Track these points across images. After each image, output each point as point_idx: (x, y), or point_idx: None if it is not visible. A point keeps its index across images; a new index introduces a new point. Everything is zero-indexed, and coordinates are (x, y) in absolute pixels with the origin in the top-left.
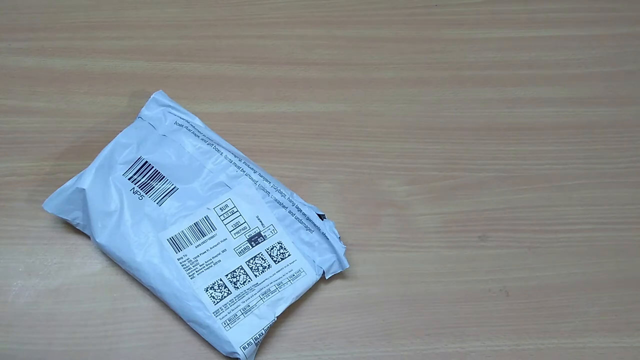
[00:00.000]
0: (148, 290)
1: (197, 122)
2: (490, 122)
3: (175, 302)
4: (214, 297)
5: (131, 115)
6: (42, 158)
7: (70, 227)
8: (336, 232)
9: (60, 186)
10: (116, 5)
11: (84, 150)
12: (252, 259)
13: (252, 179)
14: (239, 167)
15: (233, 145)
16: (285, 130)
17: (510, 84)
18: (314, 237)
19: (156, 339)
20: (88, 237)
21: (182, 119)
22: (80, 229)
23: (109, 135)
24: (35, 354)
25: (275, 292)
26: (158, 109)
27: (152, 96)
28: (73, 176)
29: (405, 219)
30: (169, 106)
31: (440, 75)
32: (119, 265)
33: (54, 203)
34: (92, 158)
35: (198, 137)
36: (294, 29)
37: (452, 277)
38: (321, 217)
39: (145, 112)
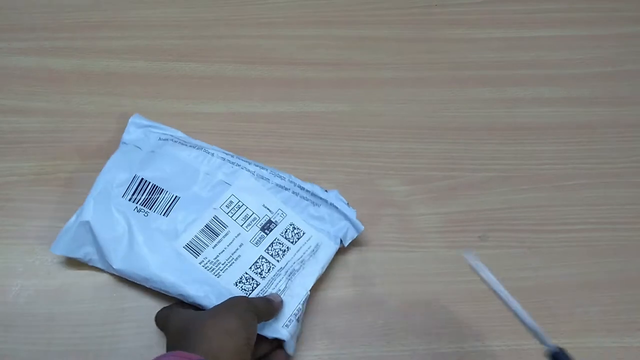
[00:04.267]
0: (147, 290)
1: (179, 134)
2: (490, 122)
3: (211, 303)
4: (245, 290)
5: (131, 115)
6: (42, 158)
7: None
8: (343, 198)
9: (60, 187)
10: (116, 5)
11: (84, 150)
12: (270, 245)
13: (249, 170)
14: (233, 163)
15: (231, 146)
16: (285, 130)
17: (510, 84)
18: (323, 210)
19: (156, 338)
20: None
21: (165, 134)
22: (94, 265)
23: (109, 135)
24: (35, 354)
25: (301, 269)
26: (138, 131)
27: (129, 120)
28: (72, 176)
29: (405, 219)
30: (149, 126)
31: (440, 75)
32: None
33: (61, 244)
34: (92, 158)
35: (185, 145)
36: (293, 29)
37: (452, 277)
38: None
39: (126, 136)
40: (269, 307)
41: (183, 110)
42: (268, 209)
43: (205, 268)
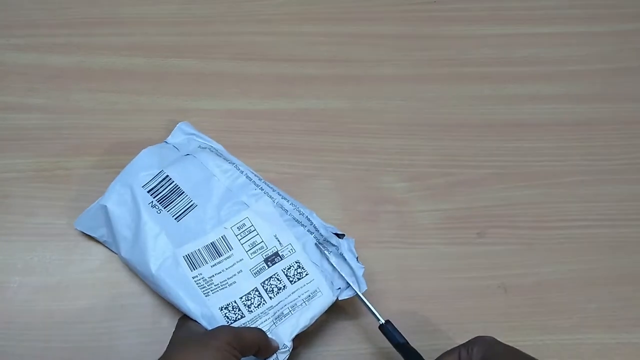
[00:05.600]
0: (147, 287)
1: (219, 147)
2: (489, 119)
3: (196, 318)
4: (228, 318)
5: (130, 112)
6: (41, 155)
7: (68, 224)
8: (354, 251)
9: (59, 184)
10: (114, 2)
11: (83, 147)
12: (267, 279)
13: (270, 197)
14: (257, 186)
15: (230, 143)
16: (283, 127)
17: (509, 80)
18: (332, 257)
19: (155, 335)
20: (87, 235)
21: (206, 143)
22: (109, 246)
23: (108, 132)
24: (34, 351)
25: (289, 315)
26: (183, 137)
27: (177, 125)
28: (71, 173)
29: (404, 215)
30: (193, 134)
31: (439, 72)
32: (117, 263)
33: (83, 221)
34: (91, 155)
35: (219, 157)
36: (292, 26)
37: (450, 274)
38: (340, 236)
39: (170, 139)
40: (263, 342)
41: (182, 107)
42: (279, 240)
43: (197, 284)
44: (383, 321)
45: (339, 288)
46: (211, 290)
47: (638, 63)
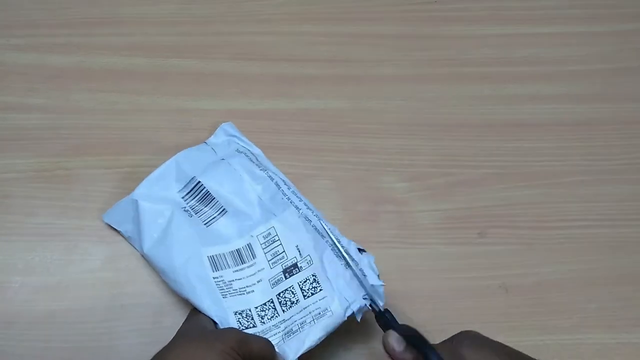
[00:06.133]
0: (147, 287)
1: (257, 151)
2: (489, 119)
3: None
4: (240, 323)
5: (130, 112)
6: (41, 155)
7: (69, 224)
8: (375, 267)
9: (59, 184)
10: (114, 2)
11: (83, 147)
12: (283, 292)
13: (297, 207)
14: (285, 195)
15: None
16: (283, 127)
17: (509, 80)
18: (348, 273)
19: (155, 335)
20: (87, 234)
21: (244, 147)
22: (131, 242)
23: (108, 133)
24: (34, 351)
25: (297, 332)
26: (224, 138)
27: (220, 126)
28: (71, 173)
29: (404, 215)
30: (234, 136)
31: (439, 72)
32: (117, 262)
33: (111, 214)
34: (91, 155)
35: (253, 162)
36: (292, 26)
37: (451, 274)
38: (361, 250)
39: (212, 139)
40: (269, 354)
41: (182, 107)
42: (299, 251)
43: (217, 285)
44: (382, 309)
45: (349, 307)
46: (229, 294)
47: (638, 63)
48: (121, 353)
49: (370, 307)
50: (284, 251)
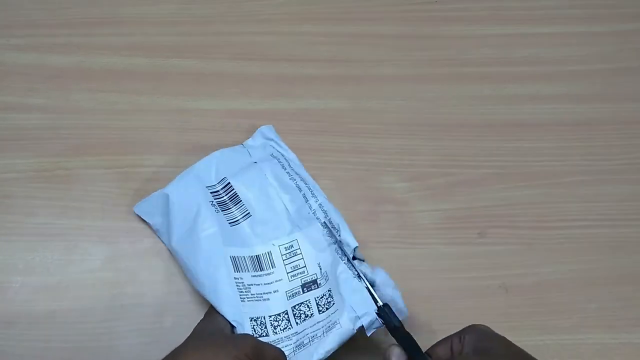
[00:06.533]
0: (148, 287)
1: (291, 156)
2: (489, 119)
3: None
4: (254, 330)
5: (130, 112)
6: (41, 155)
7: (69, 224)
8: (391, 281)
9: (59, 184)
10: (114, 2)
11: (83, 147)
12: (298, 305)
13: (322, 222)
14: (312, 209)
15: (231, 143)
16: (284, 126)
17: (509, 80)
18: (361, 285)
19: (155, 335)
20: (87, 234)
21: (279, 152)
22: (160, 236)
23: (108, 133)
24: (35, 351)
25: (308, 346)
26: (261, 141)
27: (259, 129)
28: (71, 173)
29: (404, 215)
30: (271, 139)
31: (439, 72)
32: (117, 262)
33: (143, 206)
34: (91, 155)
35: (285, 170)
36: (292, 26)
37: (451, 274)
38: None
39: (249, 142)
40: None
41: (182, 107)
42: (320, 268)
43: (237, 286)
44: (381, 304)
45: (359, 320)
46: (247, 298)
47: (638, 63)
48: (121, 353)
49: (382, 323)
50: (305, 266)
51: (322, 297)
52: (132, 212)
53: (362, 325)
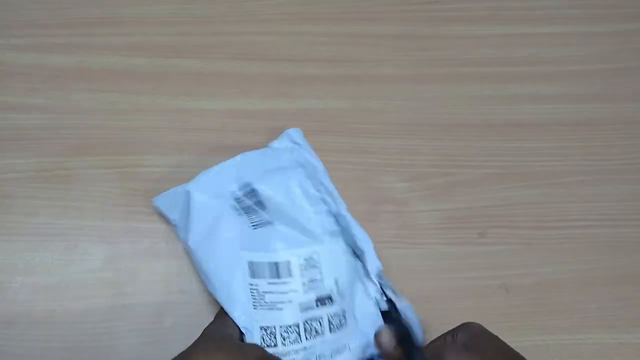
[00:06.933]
0: (148, 287)
1: (317, 164)
2: (489, 119)
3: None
4: (263, 340)
5: (130, 112)
6: (41, 155)
7: (69, 224)
8: (412, 310)
9: (59, 184)
10: (114, 2)
11: (83, 147)
12: (311, 319)
13: (344, 239)
14: (337, 223)
15: (231, 143)
16: (284, 126)
17: (509, 80)
18: (377, 311)
19: (155, 335)
20: (87, 234)
21: (305, 157)
22: (177, 231)
23: (108, 133)
24: (35, 351)
25: None
26: (288, 144)
27: (286, 131)
28: (71, 173)
29: (405, 215)
30: (299, 144)
31: (439, 72)
32: (117, 262)
33: (163, 199)
34: (91, 155)
35: (310, 180)
36: (292, 26)
37: (451, 274)
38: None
39: (275, 144)
40: None
41: (182, 107)
42: (337, 285)
43: (251, 292)
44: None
45: (370, 347)
46: (260, 305)
47: (638, 63)
48: (121, 353)
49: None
50: (322, 279)
51: (335, 316)
52: (132, 212)
53: (372, 356)
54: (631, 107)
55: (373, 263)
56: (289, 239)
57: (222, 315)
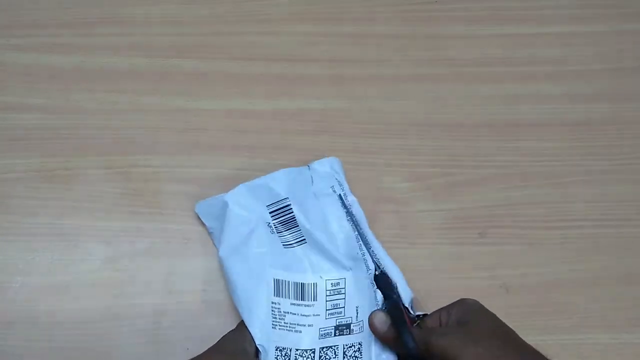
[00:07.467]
0: (148, 287)
1: (352, 200)
2: (490, 119)
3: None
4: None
5: (130, 112)
6: (41, 155)
7: (69, 224)
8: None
9: (59, 184)
10: (115, 2)
11: (83, 147)
12: (326, 347)
13: (369, 268)
14: (362, 251)
15: (232, 143)
16: (284, 127)
17: (509, 80)
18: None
19: (156, 336)
20: (87, 234)
21: (340, 189)
22: (213, 239)
23: (108, 133)
24: (35, 351)
25: None
26: (327, 169)
27: (328, 158)
28: (71, 173)
29: (406, 215)
30: (337, 172)
31: (440, 71)
32: (117, 262)
33: (204, 206)
34: (92, 155)
35: (343, 208)
36: (293, 26)
37: (452, 274)
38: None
39: (316, 165)
40: None
41: (182, 107)
42: (357, 313)
43: (272, 310)
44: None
45: None
46: (279, 325)
47: (638, 63)
48: (121, 353)
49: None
50: (344, 307)
51: (350, 347)
52: (132, 212)
53: None
54: (631, 107)
55: (403, 290)
56: (318, 263)
57: (242, 328)
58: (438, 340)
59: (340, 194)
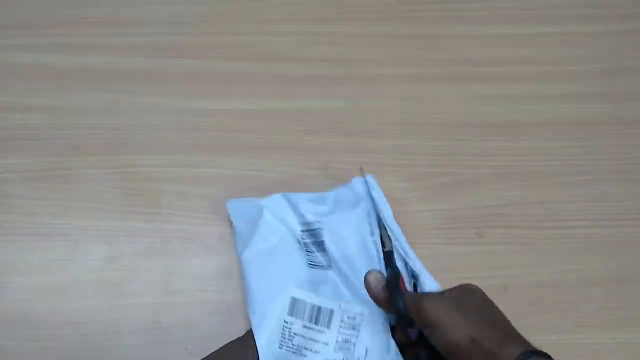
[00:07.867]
0: (147, 287)
1: (388, 214)
2: (487, 119)
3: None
4: None
5: (130, 112)
6: (40, 155)
7: (69, 224)
8: None
9: (59, 184)
10: (114, 2)
11: (83, 147)
12: None
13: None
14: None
15: (231, 142)
16: (283, 126)
17: (507, 80)
18: None
19: (155, 335)
20: (87, 234)
21: (375, 201)
22: (236, 239)
23: (108, 133)
24: (36, 350)
25: None
26: (361, 187)
27: (366, 176)
28: (71, 173)
29: (403, 215)
30: (371, 191)
31: (438, 71)
32: (117, 262)
33: (236, 204)
34: (91, 155)
35: (373, 231)
36: (292, 26)
37: (449, 274)
38: None
39: (354, 184)
40: None
41: (182, 107)
42: (366, 354)
43: (282, 329)
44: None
45: None
46: (286, 346)
47: (638, 63)
48: (120, 353)
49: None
50: (354, 344)
51: None
52: (132, 212)
53: None
54: (631, 107)
55: (430, 284)
56: (339, 291)
57: (248, 337)
58: (428, 303)
59: (374, 218)
